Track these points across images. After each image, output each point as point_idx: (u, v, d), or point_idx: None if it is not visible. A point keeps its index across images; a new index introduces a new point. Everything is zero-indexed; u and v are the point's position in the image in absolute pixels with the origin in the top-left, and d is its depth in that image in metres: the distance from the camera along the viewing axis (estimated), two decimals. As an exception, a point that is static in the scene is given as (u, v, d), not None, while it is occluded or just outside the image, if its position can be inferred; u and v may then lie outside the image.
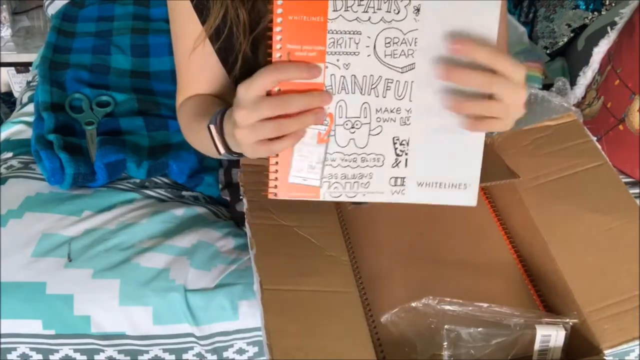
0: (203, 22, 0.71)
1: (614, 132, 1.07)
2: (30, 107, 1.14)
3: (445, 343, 0.60)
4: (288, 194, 0.58)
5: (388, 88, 0.57)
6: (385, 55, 0.56)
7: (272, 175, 0.58)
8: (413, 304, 0.62)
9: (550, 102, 1.02)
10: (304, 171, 0.58)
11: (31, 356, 0.81)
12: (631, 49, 1.05)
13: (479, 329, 0.60)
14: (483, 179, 0.74)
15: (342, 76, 0.56)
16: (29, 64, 1.64)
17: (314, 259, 0.65)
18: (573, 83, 1.20)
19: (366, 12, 0.55)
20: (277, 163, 0.58)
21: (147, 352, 0.82)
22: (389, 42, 0.56)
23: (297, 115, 0.54)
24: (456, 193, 0.61)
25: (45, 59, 1.20)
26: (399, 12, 0.55)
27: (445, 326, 0.60)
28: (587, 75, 1.17)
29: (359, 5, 0.55)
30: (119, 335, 0.80)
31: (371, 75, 0.56)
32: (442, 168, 0.60)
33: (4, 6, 1.68)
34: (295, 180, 0.58)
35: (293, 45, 0.54)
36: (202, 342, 0.81)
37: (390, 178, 0.59)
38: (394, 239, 0.73)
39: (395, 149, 0.59)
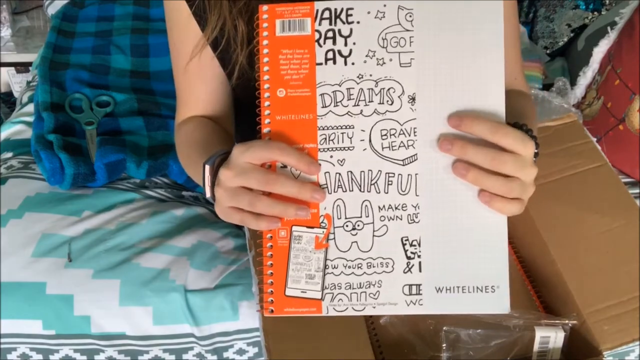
0: (202, 30, 0.71)
1: (614, 132, 1.07)
2: (30, 107, 1.15)
3: (444, 344, 0.60)
4: (286, 309, 0.52)
5: (390, 183, 0.52)
6: (383, 147, 0.51)
7: (267, 288, 0.52)
8: (412, 305, 0.62)
9: (551, 103, 1.02)
10: (302, 282, 0.52)
11: (31, 356, 0.81)
12: (631, 49, 1.05)
13: (478, 330, 0.60)
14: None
15: (337, 173, 0.51)
16: (29, 64, 1.64)
17: (314, 260, 0.64)
18: (573, 83, 1.20)
19: (357, 105, 0.52)
20: (271, 274, 0.52)
21: (147, 352, 0.82)
22: (385, 134, 0.51)
23: (279, 199, 0.50)
24: (483, 298, 0.52)
25: (45, 59, 1.20)
26: (392, 102, 0.51)
27: (444, 327, 0.60)
28: (587, 75, 1.16)
29: (348, 99, 0.51)
30: (119, 335, 0.80)
31: (369, 170, 0.52)
32: (462, 269, 0.52)
33: (4, 6, 1.68)
34: (293, 293, 0.52)
35: None
36: (202, 343, 0.81)
37: (404, 286, 0.52)
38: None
39: (406, 251, 0.52)
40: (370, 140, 0.52)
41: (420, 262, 0.52)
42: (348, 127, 0.52)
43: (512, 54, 0.77)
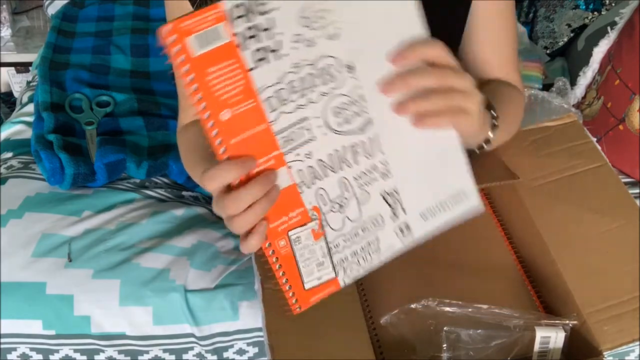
0: None
1: (614, 132, 1.07)
2: (30, 107, 1.15)
3: (445, 344, 0.60)
4: (311, 301, 0.54)
5: (356, 153, 0.53)
6: (340, 124, 0.52)
7: (287, 293, 0.54)
8: (412, 306, 0.62)
9: (551, 103, 1.02)
10: (316, 272, 0.54)
11: (31, 356, 0.81)
12: (631, 49, 1.05)
13: (479, 331, 0.61)
14: (483, 180, 0.74)
15: (309, 167, 0.51)
16: (29, 64, 1.64)
17: (314, 260, 0.65)
18: (573, 83, 1.20)
19: (303, 95, 0.50)
20: (286, 281, 0.53)
21: (147, 352, 0.82)
22: (338, 112, 0.51)
23: (255, 205, 0.49)
24: (460, 206, 0.57)
25: (45, 59, 1.20)
26: (334, 78, 0.50)
27: (445, 327, 0.60)
28: (587, 75, 1.16)
29: (293, 93, 0.49)
30: (119, 335, 0.80)
31: (335, 150, 0.52)
32: (436, 191, 0.57)
33: (4, 6, 1.68)
34: (311, 285, 0.54)
35: None
36: (202, 343, 0.81)
37: (395, 230, 0.56)
38: (393, 240, 0.73)
39: (388, 203, 0.55)
40: (327, 124, 0.51)
41: (402, 206, 0.56)
42: (302, 120, 0.50)
43: (505, 51, 0.78)
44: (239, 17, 0.45)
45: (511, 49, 0.79)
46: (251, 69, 0.47)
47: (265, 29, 0.47)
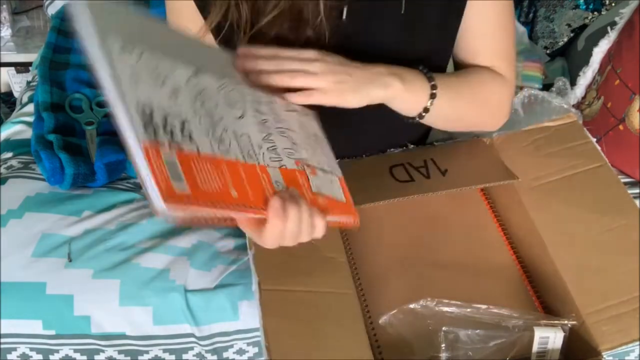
0: (205, 18, 0.71)
1: (614, 132, 1.07)
2: (30, 107, 1.15)
3: (443, 345, 0.60)
4: (354, 206, 0.63)
5: (259, 111, 0.61)
6: (239, 108, 0.58)
7: (348, 223, 0.62)
8: (411, 306, 0.62)
9: (551, 103, 1.02)
10: (338, 189, 0.63)
11: (31, 356, 0.81)
12: (631, 49, 1.05)
13: (477, 331, 0.61)
14: (483, 180, 0.74)
15: (267, 149, 0.58)
16: (29, 64, 1.64)
17: (313, 260, 0.65)
18: (573, 83, 1.20)
19: (215, 122, 0.54)
20: (340, 216, 0.61)
21: (147, 352, 0.82)
22: (230, 103, 0.57)
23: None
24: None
25: (45, 59, 1.19)
26: (206, 89, 0.55)
27: (443, 328, 0.60)
28: (587, 75, 1.16)
29: (212, 128, 0.53)
30: (119, 335, 0.80)
31: (259, 122, 0.59)
32: None
33: (4, 6, 1.68)
34: (346, 197, 0.63)
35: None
36: (202, 343, 0.81)
37: (310, 121, 0.67)
38: (392, 241, 0.73)
39: (291, 110, 0.65)
40: (236, 118, 0.57)
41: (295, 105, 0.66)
42: (235, 135, 0.55)
43: (496, 43, 0.78)
44: (154, 134, 0.46)
45: (504, 42, 0.78)
46: (198, 150, 0.50)
47: (165, 118, 0.48)
